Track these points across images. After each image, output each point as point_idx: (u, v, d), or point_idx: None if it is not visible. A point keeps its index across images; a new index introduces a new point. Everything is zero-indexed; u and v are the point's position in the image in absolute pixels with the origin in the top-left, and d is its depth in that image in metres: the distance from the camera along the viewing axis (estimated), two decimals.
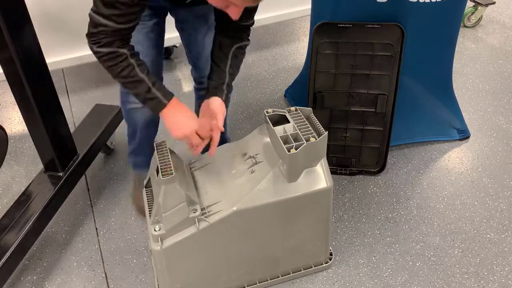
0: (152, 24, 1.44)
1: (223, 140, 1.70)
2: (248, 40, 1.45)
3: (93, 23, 1.17)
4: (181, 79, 2.65)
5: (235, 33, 1.41)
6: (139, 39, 1.40)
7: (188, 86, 2.59)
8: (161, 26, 1.49)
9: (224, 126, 1.75)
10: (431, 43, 1.79)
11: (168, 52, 2.76)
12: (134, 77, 1.25)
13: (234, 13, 1.15)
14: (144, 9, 1.22)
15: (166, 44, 1.60)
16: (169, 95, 1.30)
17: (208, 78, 1.45)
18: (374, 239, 1.68)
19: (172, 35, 1.66)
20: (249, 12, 1.35)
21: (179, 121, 1.32)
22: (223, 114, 1.40)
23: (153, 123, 1.64)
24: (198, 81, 1.70)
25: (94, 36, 1.18)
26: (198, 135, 1.33)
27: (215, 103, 1.40)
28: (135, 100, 1.51)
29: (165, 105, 1.29)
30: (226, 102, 1.44)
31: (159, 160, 1.34)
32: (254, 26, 1.44)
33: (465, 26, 3.01)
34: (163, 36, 1.53)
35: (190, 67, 1.70)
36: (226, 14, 1.22)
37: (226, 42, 1.41)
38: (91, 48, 1.21)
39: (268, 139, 1.39)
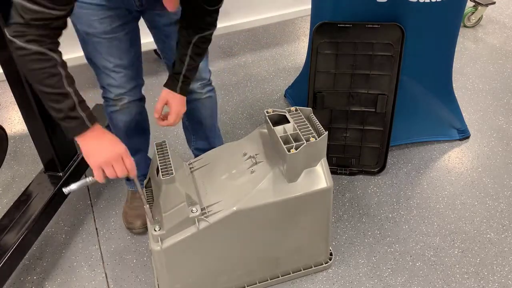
0: (123, 34, 1.37)
1: (212, 146, 1.69)
2: (214, 26, 1.36)
3: (19, 10, 0.99)
4: None
5: (199, 21, 1.33)
6: (112, 52, 1.37)
7: None
8: (133, 33, 1.42)
9: (216, 130, 1.76)
10: (431, 43, 1.79)
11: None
12: (60, 88, 1.07)
13: (169, 4, 1.08)
14: None
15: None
16: (93, 119, 1.14)
17: (175, 59, 1.41)
18: (374, 239, 1.68)
19: None
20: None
21: (101, 146, 1.16)
22: (177, 115, 1.41)
23: (136, 130, 1.59)
24: None
25: (20, 27, 1.00)
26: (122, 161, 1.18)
27: (174, 102, 1.40)
28: (115, 102, 1.48)
29: (88, 128, 1.12)
30: (182, 93, 1.42)
31: (159, 160, 1.34)
32: (254, 26, 1.44)
33: (465, 26, 3.01)
34: (139, 41, 1.47)
35: None
36: (191, 1, 1.19)
37: (188, 32, 1.34)
38: (13, 42, 1.02)
39: (268, 139, 1.40)
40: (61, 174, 1.68)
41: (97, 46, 1.36)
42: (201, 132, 1.71)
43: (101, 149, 1.16)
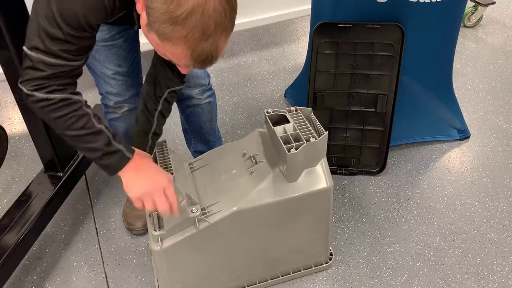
0: (122, 42, 1.35)
1: (211, 148, 1.68)
2: (183, 82, 1.30)
3: (38, 65, 0.96)
4: None
5: (171, 72, 1.25)
6: (111, 59, 1.35)
7: None
8: (133, 40, 1.38)
9: (215, 133, 1.75)
10: (431, 43, 1.79)
11: None
12: (92, 128, 1.05)
13: (183, 70, 1.04)
14: (94, 35, 1.02)
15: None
16: (131, 149, 1.12)
17: (138, 114, 1.34)
18: (374, 239, 1.68)
19: None
20: None
21: (143, 176, 1.11)
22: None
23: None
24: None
25: (40, 80, 0.97)
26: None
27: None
28: (115, 110, 1.48)
29: (129, 159, 1.09)
30: (150, 151, 1.33)
31: (159, 160, 1.34)
32: (254, 26, 1.42)
33: (465, 26, 3.01)
34: (138, 48, 1.44)
35: None
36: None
37: (158, 88, 1.27)
38: (32, 96, 0.98)
39: (268, 139, 1.39)
40: (61, 174, 1.68)
41: (95, 53, 1.34)
42: (201, 135, 1.71)
43: (142, 180, 1.11)
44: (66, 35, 0.94)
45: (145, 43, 1.52)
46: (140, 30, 1.43)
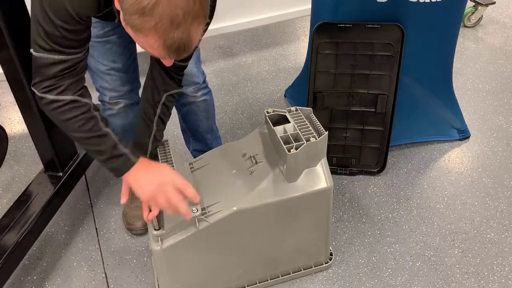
0: (116, 38, 1.35)
1: (209, 148, 1.69)
2: (181, 86, 1.31)
3: (45, 64, 1.00)
4: None
5: (167, 76, 1.26)
6: (105, 55, 1.35)
7: None
8: (128, 36, 1.34)
9: (213, 132, 1.75)
10: (431, 43, 1.79)
11: None
12: (99, 131, 1.09)
13: (165, 62, 1.05)
14: (88, 26, 1.04)
15: None
16: (137, 153, 1.14)
17: (138, 121, 1.35)
18: (374, 239, 1.68)
19: None
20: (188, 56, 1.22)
21: (149, 174, 1.13)
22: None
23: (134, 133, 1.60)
24: None
25: (49, 82, 1.02)
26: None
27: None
28: (111, 106, 1.48)
29: (134, 163, 1.12)
30: (151, 158, 1.30)
31: (161, 160, 1.35)
32: (254, 26, 1.42)
33: (465, 26, 3.01)
34: (134, 45, 1.44)
35: None
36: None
37: (156, 91, 1.27)
38: (43, 98, 1.03)
39: (268, 139, 1.40)
40: (61, 174, 1.68)
41: (90, 49, 1.35)
42: (198, 134, 1.71)
43: (150, 178, 1.12)
44: (62, 31, 0.98)
45: None
46: None
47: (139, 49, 1.51)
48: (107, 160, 1.11)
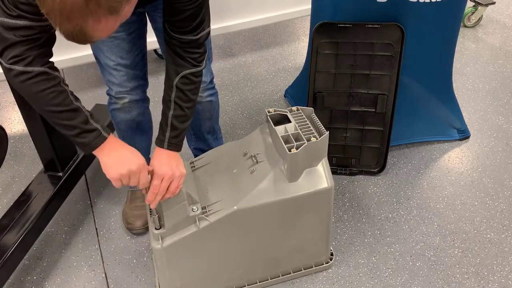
0: (126, 34, 1.34)
1: (211, 148, 1.68)
2: (196, 65, 1.22)
3: (9, 28, 0.97)
4: None
5: (178, 52, 1.20)
6: (114, 51, 1.35)
7: None
8: (137, 34, 1.38)
9: (216, 133, 1.75)
10: (431, 43, 1.79)
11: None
12: (70, 105, 1.07)
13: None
14: None
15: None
16: (107, 129, 1.14)
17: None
18: (374, 239, 1.68)
19: None
20: (184, 20, 1.13)
21: (121, 157, 1.14)
22: (159, 182, 1.21)
23: (138, 130, 1.58)
24: None
25: (15, 51, 0.98)
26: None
27: (157, 162, 1.23)
28: (116, 100, 1.48)
29: (105, 138, 1.12)
30: (171, 148, 1.26)
31: None
32: (254, 26, 1.41)
33: (465, 26, 3.01)
34: (143, 42, 1.44)
35: None
36: (167, 25, 1.14)
37: (171, 70, 1.23)
38: (12, 70, 1.00)
39: (269, 139, 1.39)
40: (61, 174, 1.68)
41: (99, 44, 1.36)
42: (200, 133, 1.71)
43: (122, 161, 1.13)
44: None
45: (154, 41, 1.53)
46: (148, 26, 1.44)
47: (149, 46, 1.52)
48: (78, 135, 1.10)
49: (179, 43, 1.19)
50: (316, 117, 1.37)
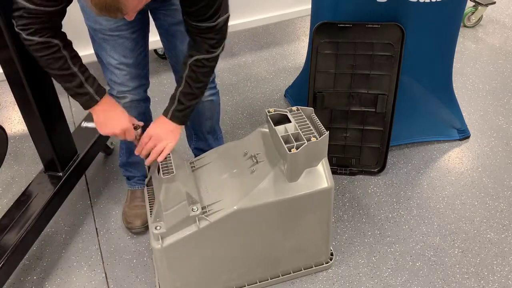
0: (129, 33, 1.37)
1: (211, 148, 1.68)
2: (213, 50, 1.27)
3: (17, 6, 1.09)
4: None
5: (195, 39, 1.26)
6: (116, 49, 1.38)
7: None
8: (140, 33, 1.41)
9: (216, 133, 1.75)
10: (431, 43, 1.79)
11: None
12: (67, 70, 1.20)
13: (128, 17, 1.07)
14: None
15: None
16: (101, 92, 1.27)
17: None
18: (374, 239, 1.68)
19: None
20: (200, 9, 1.18)
21: (109, 119, 1.30)
22: (148, 140, 1.33)
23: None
24: None
25: (22, 20, 1.10)
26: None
27: (154, 124, 1.35)
28: (118, 100, 1.47)
29: (97, 101, 1.26)
30: (173, 119, 1.33)
31: (161, 164, 1.34)
32: (254, 26, 1.42)
33: (465, 26, 3.01)
34: (146, 42, 1.46)
35: None
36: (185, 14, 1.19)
37: (189, 51, 1.30)
38: (20, 34, 1.13)
39: (269, 139, 1.39)
40: (61, 174, 1.68)
41: (102, 42, 1.38)
42: (201, 133, 1.71)
43: (109, 122, 1.29)
44: None
45: (155, 40, 1.53)
46: (152, 25, 1.45)
47: (150, 46, 1.53)
48: (74, 96, 1.25)
49: (197, 30, 1.24)
50: (316, 117, 1.37)
